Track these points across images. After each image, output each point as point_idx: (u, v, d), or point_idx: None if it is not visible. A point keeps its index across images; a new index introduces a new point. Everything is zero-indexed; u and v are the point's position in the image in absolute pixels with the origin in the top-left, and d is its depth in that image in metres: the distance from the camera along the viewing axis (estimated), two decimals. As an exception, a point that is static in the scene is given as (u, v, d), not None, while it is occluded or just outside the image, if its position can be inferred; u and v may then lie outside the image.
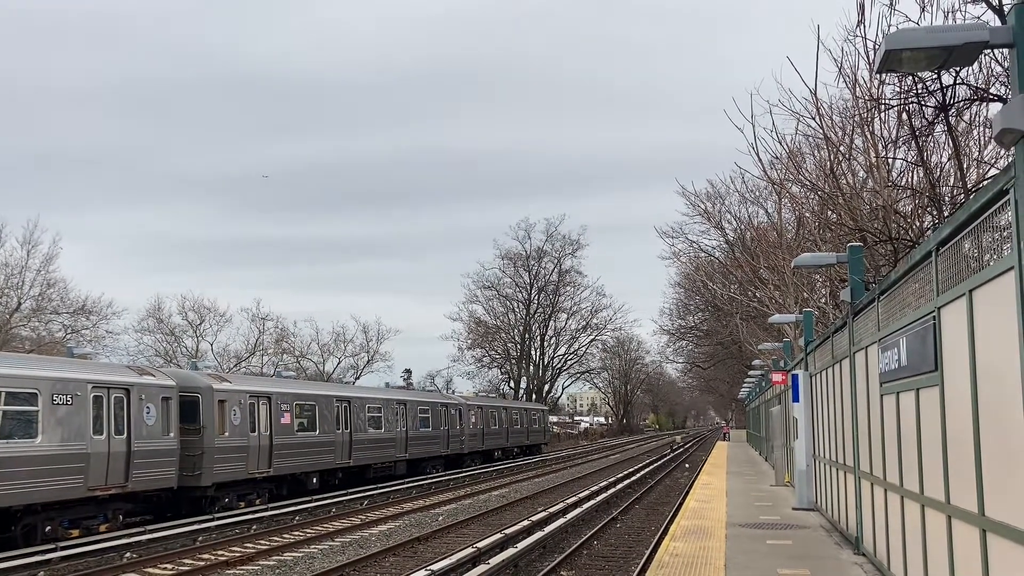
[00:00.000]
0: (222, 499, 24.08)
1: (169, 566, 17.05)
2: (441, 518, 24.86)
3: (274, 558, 18.03)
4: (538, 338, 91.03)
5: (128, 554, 18.00)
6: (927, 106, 12.64)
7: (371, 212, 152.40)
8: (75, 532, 18.69)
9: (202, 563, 17.23)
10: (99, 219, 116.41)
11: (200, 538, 20.25)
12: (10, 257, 49.00)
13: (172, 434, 21.84)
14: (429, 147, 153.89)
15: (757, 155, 21.25)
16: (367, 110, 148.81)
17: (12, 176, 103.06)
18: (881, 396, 10.67)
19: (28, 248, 49.12)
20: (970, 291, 6.88)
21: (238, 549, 19.03)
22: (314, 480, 29.26)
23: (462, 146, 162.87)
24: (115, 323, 55.41)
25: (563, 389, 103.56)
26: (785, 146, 20.35)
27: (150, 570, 16.68)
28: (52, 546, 17.14)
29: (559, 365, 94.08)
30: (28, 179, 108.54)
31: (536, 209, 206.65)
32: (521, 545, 17.16)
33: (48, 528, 18.10)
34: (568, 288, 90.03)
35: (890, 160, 16.36)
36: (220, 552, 18.63)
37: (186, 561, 17.57)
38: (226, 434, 24.14)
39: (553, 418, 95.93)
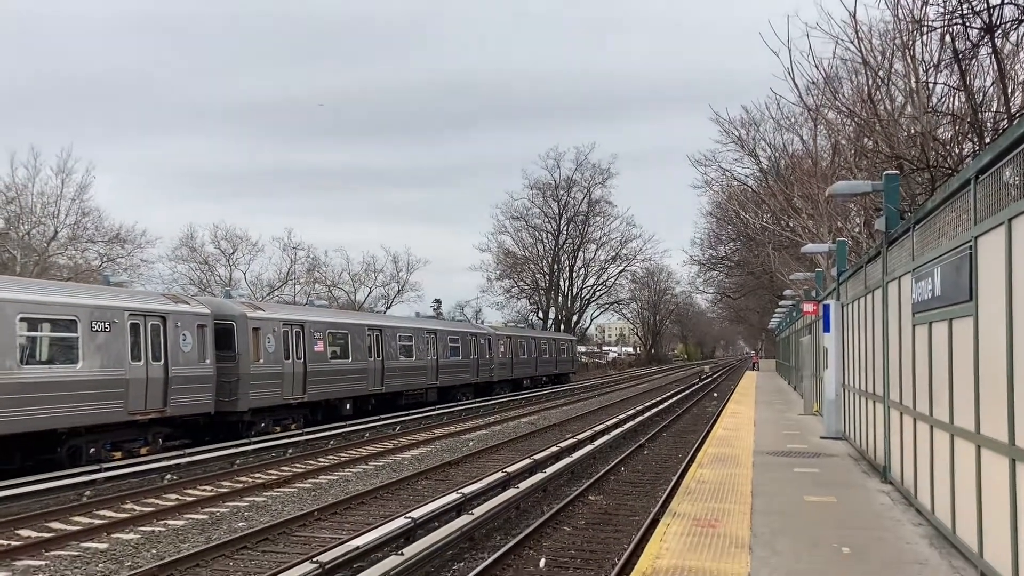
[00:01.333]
0: (258, 424, 24.65)
1: (208, 488, 17.60)
2: (472, 443, 25.34)
3: (310, 481, 18.53)
4: (567, 269, 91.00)
5: (169, 476, 18.59)
6: (972, 27, 12.24)
7: (400, 141, 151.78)
8: (118, 454, 19.31)
9: (240, 485, 17.76)
10: (129, 148, 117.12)
11: (238, 461, 20.82)
12: (45, 186, 49.64)
13: (208, 361, 22.29)
14: (456, 73, 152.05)
15: (793, 80, 20.76)
16: (390, 37, 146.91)
17: (45, 105, 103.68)
18: (913, 326, 10.60)
19: (62, 177, 49.68)
20: (1009, 220, 6.75)
21: (275, 472, 19.57)
22: (347, 406, 29.88)
23: (490, 73, 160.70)
24: (149, 252, 56.28)
25: (592, 319, 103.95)
26: (822, 71, 19.89)
27: (190, 491, 17.23)
28: (97, 467, 17.73)
29: (588, 296, 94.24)
30: (60, 108, 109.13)
31: (566, 138, 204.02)
32: (550, 470, 17.47)
33: (92, 450, 18.73)
34: (598, 218, 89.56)
35: (931, 85, 15.94)
36: (257, 475, 19.18)
37: (224, 483, 18.12)
38: (261, 361, 24.59)
39: (582, 348, 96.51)
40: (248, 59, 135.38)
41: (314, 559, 10.05)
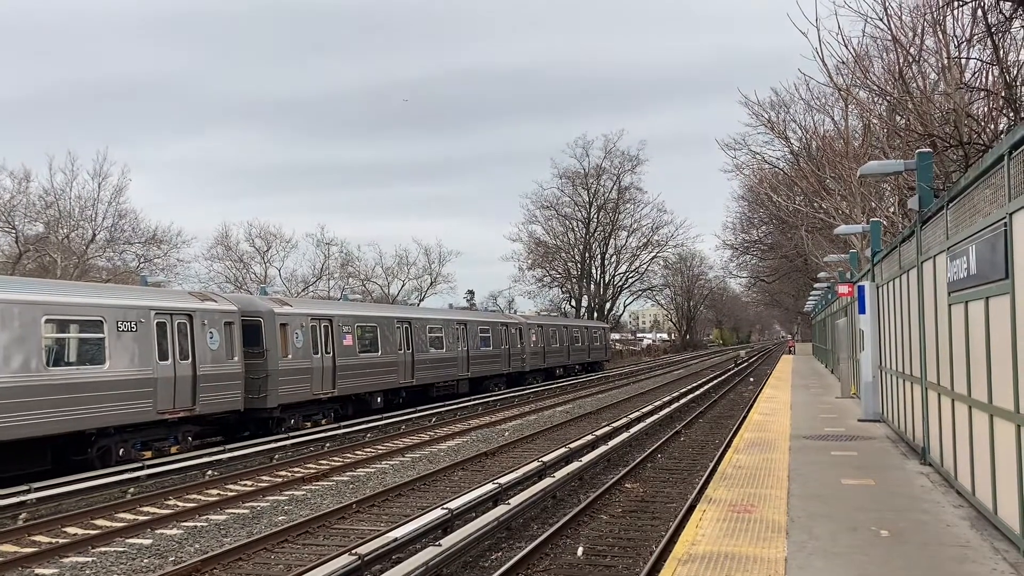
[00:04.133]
0: (288, 420, 24.47)
1: (249, 483, 17.84)
2: (507, 434, 25.42)
3: (347, 474, 18.72)
4: (599, 256, 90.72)
5: (210, 472, 18.85)
6: (1004, 0, 11.99)
7: (428, 135, 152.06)
8: (148, 453, 19.27)
9: (279, 479, 17.98)
10: (162, 149, 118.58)
11: (277, 456, 21.07)
12: (83, 190, 50.52)
13: (236, 358, 22.19)
14: (483, 65, 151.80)
15: (822, 60, 20.54)
16: (420, 28, 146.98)
17: (80, 109, 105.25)
18: (949, 305, 10.47)
19: (99, 180, 50.51)
20: (1044, 195, 6.65)
21: (313, 466, 19.78)
22: (378, 400, 29.74)
23: (516, 64, 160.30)
24: (185, 251, 56.95)
25: (625, 307, 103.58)
26: (851, 50, 19.61)
27: (231, 486, 17.47)
28: (140, 464, 18.01)
29: (620, 283, 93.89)
30: (95, 112, 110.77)
31: (594, 126, 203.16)
32: (586, 459, 17.49)
33: (122, 451, 18.69)
34: (628, 205, 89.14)
35: (963, 60, 15.66)
36: (296, 469, 19.39)
37: (264, 478, 18.35)
38: (289, 357, 24.45)
39: (615, 335, 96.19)
40: (274, 56, 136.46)
41: (353, 551, 10.17)
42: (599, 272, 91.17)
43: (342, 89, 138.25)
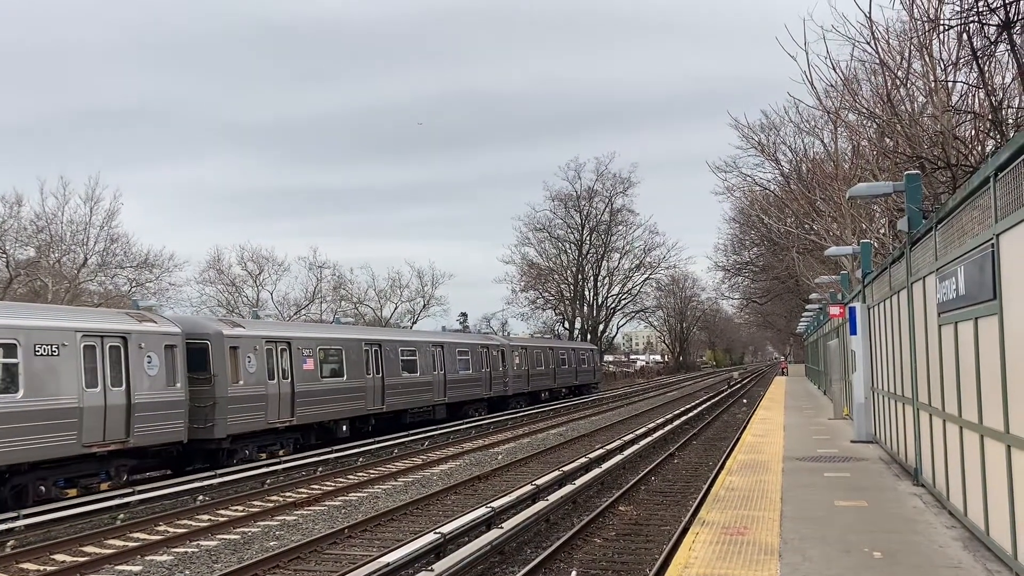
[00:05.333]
0: (240, 451, 22.74)
1: (240, 508, 17.72)
2: (500, 457, 25.32)
3: (340, 498, 18.61)
4: (591, 278, 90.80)
5: (201, 497, 18.73)
6: (989, 24, 12.15)
7: (421, 158, 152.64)
8: (72, 492, 17.67)
9: (271, 504, 17.87)
10: (154, 173, 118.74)
11: (268, 481, 20.94)
12: (75, 214, 50.42)
13: (179, 384, 20.48)
14: (476, 88, 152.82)
15: (811, 83, 20.71)
16: (411, 53, 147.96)
17: (73, 134, 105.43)
18: (939, 326, 10.51)
19: (91, 205, 50.43)
20: (1030, 216, 6.71)
21: (304, 490, 19.67)
22: (344, 428, 27.79)
23: (508, 86, 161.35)
24: (177, 275, 56.58)
25: (618, 328, 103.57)
26: (840, 73, 19.81)
27: (223, 511, 17.36)
28: (130, 490, 17.87)
29: (613, 305, 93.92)
30: (88, 137, 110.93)
31: (586, 148, 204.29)
32: (579, 482, 17.43)
33: (42, 488, 17.07)
34: (620, 227, 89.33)
35: (950, 83, 15.83)
36: (288, 494, 19.28)
37: (256, 503, 18.24)
38: (240, 383, 22.60)
39: (609, 357, 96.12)
40: (269, 82, 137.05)
41: (345, 576, 10.11)
42: (592, 294, 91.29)
43: (335, 113, 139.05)
